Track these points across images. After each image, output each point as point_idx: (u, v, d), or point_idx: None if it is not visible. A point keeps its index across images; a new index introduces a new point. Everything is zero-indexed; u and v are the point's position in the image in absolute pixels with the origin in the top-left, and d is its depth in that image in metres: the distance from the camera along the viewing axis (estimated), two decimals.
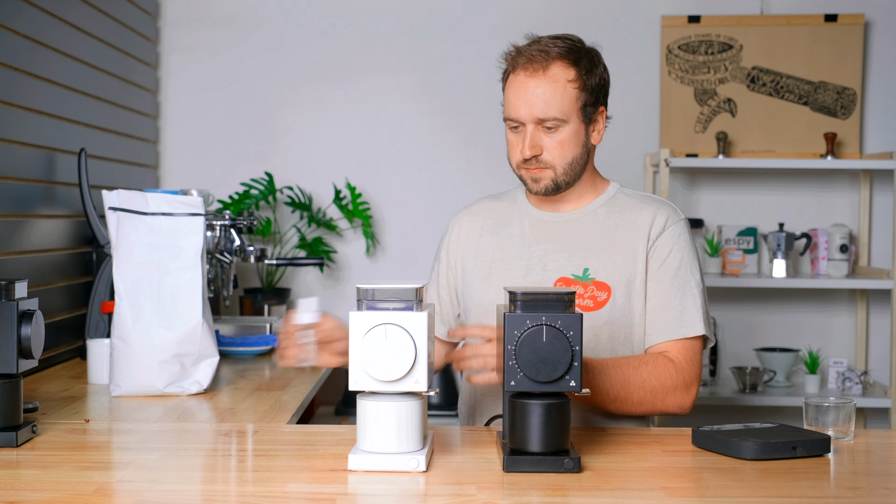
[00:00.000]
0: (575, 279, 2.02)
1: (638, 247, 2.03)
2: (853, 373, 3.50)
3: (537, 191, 2.04)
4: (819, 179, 3.72)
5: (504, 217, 2.15)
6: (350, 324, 1.56)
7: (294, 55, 3.66)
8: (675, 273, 2.02)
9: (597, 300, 2.01)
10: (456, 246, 2.17)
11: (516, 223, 2.12)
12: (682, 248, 2.05)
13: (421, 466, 1.54)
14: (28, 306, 1.74)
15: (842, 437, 1.78)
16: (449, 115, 3.69)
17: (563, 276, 2.03)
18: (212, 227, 2.92)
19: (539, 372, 1.54)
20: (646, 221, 2.05)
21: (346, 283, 3.69)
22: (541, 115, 1.97)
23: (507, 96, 2.03)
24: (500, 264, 2.08)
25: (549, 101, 1.97)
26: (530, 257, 2.07)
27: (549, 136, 1.99)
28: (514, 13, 3.66)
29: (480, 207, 2.20)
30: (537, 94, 1.97)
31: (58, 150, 2.70)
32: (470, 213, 2.20)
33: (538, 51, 1.98)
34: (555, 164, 2.01)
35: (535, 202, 2.13)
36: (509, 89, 2.02)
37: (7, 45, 2.42)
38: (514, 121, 2.00)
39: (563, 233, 2.07)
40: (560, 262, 2.04)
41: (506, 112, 2.03)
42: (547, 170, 2.01)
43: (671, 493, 1.47)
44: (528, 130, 1.99)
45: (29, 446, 1.71)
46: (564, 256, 2.04)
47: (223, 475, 1.59)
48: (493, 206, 2.19)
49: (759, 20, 3.63)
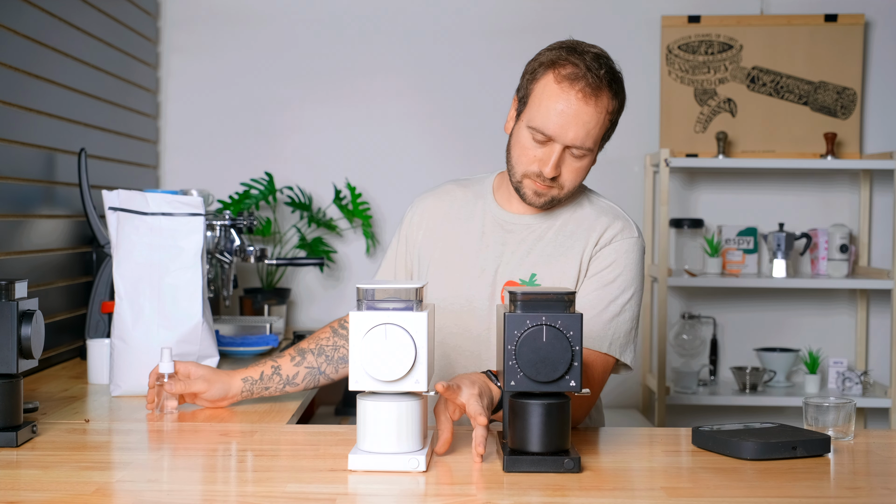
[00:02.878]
0: (522, 284, 1.98)
1: (583, 256, 1.98)
2: (853, 373, 3.50)
3: (534, 203, 1.97)
4: (819, 179, 3.72)
5: (467, 208, 2.09)
6: (350, 324, 1.56)
7: (294, 55, 3.67)
8: (605, 286, 1.94)
9: None
10: (417, 229, 2.11)
11: (479, 218, 2.06)
12: (624, 265, 1.96)
13: (421, 466, 1.54)
14: (28, 306, 1.74)
15: (842, 437, 1.78)
16: (449, 115, 3.69)
17: (511, 280, 1.99)
18: (212, 227, 2.92)
19: (539, 372, 1.54)
20: (596, 231, 1.99)
21: (346, 283, 3.69)
22: (579, 143, 1.88)
23: (543, 103, 1.89)
24: (454, 263, 2.04)
25: (591, 131, 1.88)
26: (486, 257, 2.02)
27: (572, 160, 1.91)
28: (514, 13, 3.66)
29: (445, 192, 2.13)
30: (583, 121, 1.87)
31: (58, 150, 2.70)
32: (433, 196, 2.13)
33: (594, 73, 1.87)
34: (565, 187, 1.94)
35: (502, 200, 2.07)
36: (549, 98, 1.88)
37: (7, 45, 2.42)
38: (544, 134, 1.89)
39: (518, 236, 2.03)
40: (511, 266, 2.00)
41: (536, 120, 1.89)
42: (555, 189, 1.94)
43: (671, 493, 1.47)
44: (557, 150, 1.89)
45: (29, 446, 1.71)
46: (515, 260, 2.00)
47: (223, 475, 1.59)
48: (458, 193, 2.12)
49: (759, 20, 3.63)
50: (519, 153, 1.94)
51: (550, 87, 1.88)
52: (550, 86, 1.88)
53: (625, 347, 1.93)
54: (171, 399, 1.99)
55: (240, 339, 2.86)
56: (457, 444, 1.73)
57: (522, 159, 1.94)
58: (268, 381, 2.06)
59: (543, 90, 1.89)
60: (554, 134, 1.88)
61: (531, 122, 1.90)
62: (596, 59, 1.88)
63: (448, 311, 2.01)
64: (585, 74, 1.86)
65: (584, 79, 1.86)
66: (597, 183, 3.04)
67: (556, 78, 1.88)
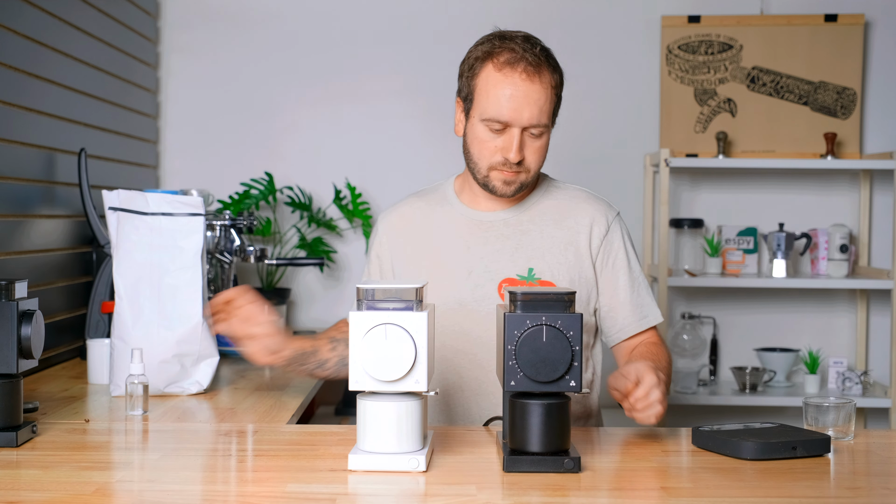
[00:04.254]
0: (521, 279, 2.00)
1: (580, 246, 2.03)
2: (853, 373, 3.50)
3: (505, 193, 1.99)
4: (819, 179, 3.72)
5: (434, 218, 2.09)
6: (350, 324, 1.56)
7: (294, 55, 3.67)
8: (627, 270, 2.05)
9: None
10: (386, 249, 2.12)
11: (451, 223, 2.07)
12: (626, 243, 2.08)
13: (421, 466, 1.54)
14: (28, 306, 1.74)
15: (842, 437, 1.78)
16: (449, 115, 3.67)
17: (508, 277, 2.00)
18: (212, 227, 2.92)
19: (539, 372, 1.54)
20: (586, 221, 2.05)
21: (346, 283, 3.69)
22: (535, 122, 1.92)
23: (491, 93, 1.93)
24: (439, 269, 2.03)
25: (543, 107, 1.93)
26: (471, 259, 2.03)
27: (532, 141, 1.95)
28: (514, 13, 3.66)
29: (407, 208, 2.14)
30: (534, 99, 1.91)
31: (58, 150, 2.70)
32: (397, 214, 2.14)
33: (531, 53, 1.92)
34: (531, 168, 1.98)
35: (469, 200, 2.08)
36: (496, 87, 1.92)
37: (7, 45, 2.42)
38: (500, 122, 1.93)
39: (500, 233, 2.04)
40: (503, 263, 2.01)
41: (489, 111, 1.93)
42: (522, 174, 1.97)
43: (671, 493, 1.47)
44: (516, 134, 1.93)
45: (29, 446, 1.71)
46: (506, 257, 2.01)
47: (223, 475, 1.59)
48: (420, 206, 2.13)
49: (759, 20, 3.63)
50: (479, 148, 1.98)
51: (493, 76, 1.93)
52: (493, 75, 1.93)
53: (656, 304, 2.10)
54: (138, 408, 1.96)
55: None
56: (457, 444, 1.73)
57: (484, 153, 1.97)
58: (306, 358, 2.04)
59: (487, 81, 1.94)
60: (509, 119, 1.92)
61: (484, 115, 1.94)
62: (527, 40, 1.95)
63: (439, 316, 2.00)
64: (523, 55, 1.92)
65: (524, 59, 1.92)
66: (597, 183, 3.04)
67: (495, 66, 1.93)
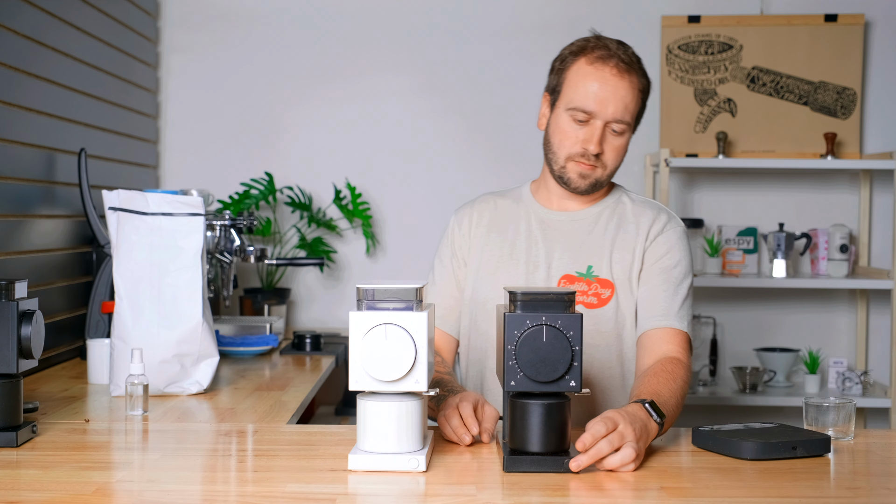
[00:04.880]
0: (579, 276, 2.04)
1: (637, 245, 2.05)
2: (853, 373, 3.50)
3: (578, 186, 2.04)
4: (819, 179, 3.72)
5: (510, 214, 2.15)
6: (350, 324, 1.56)
7: (294, 55, 3.66)
8: (670, 270, 2.03)
9: (601, 297, 2.02)
10: (466, 240, 2.16)
11: (523, 220, 2.13)
12: (680, 251, 2.06)
13: (421, 466, 1.54)
14: (28, 306, 1.74)
15: (842, 437, 1.78)
16: (449, 114, 3.69)
17: (567, 274, 2.04)
18: (212, 227, 2.92)
19: (539, 372, 1.54)
20: (646, 222, 2.07)
21: (346, 283, 3.69)
22: (619, 116, 1.98)
23: (581, 85, 1.99)
24: (506, 261, 2.09)
25: (628, 105, 1.98)
26: (537, 254, 2.07)
27: (613, 138, 2.00)
28: (514, 13, 3.66)
29: (484, 203, 2.19)
30: (620, 95, 1.97)
31: (58, 150, 2.70)
32: (475, 208, 2.19)
33: (624, 53, 1.99)
34: (608, 166, 2.02)
35: (543, 200, 2.14)
36: (586, 79, 1.98)
37: (7, 45, 2.42)
38: (586, 112, 1.98)
39: (567, 232, 2.09)
40: (565, 260, 2.05)
41: (576, 101, 1.99)
42: (598, 169, 2.02)
43: (671, 493, 1.47)
44: (599, 126, 1.98)
45: (29, 446, 1.71)
46: (569, 254, 2.06)
47: (223, 475, 1.59)
48: (498, 202, 2.18)
49: (759, 20, 3.63)
50: (560, 138, 2.03)
51: (584, 69, 1.99)
52: (584, 68, 1.99)
53: (692, 328, 2.04)
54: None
55: (240, 339, 2.86)
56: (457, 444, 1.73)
57: (565, 143, 2.02)
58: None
59: (577, 73, 2.00)
60: (595, 110, 1.97)
61: (570, 105, 1.99)
62: (621, 44, 2.02)
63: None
64: (615, 53, 1.99)
65: (616, 56, 1.98)
66: None
67: (587, 60, 1.99)
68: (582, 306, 2.02)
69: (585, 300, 2.02)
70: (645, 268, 2.04)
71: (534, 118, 3.68)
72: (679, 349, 1.96)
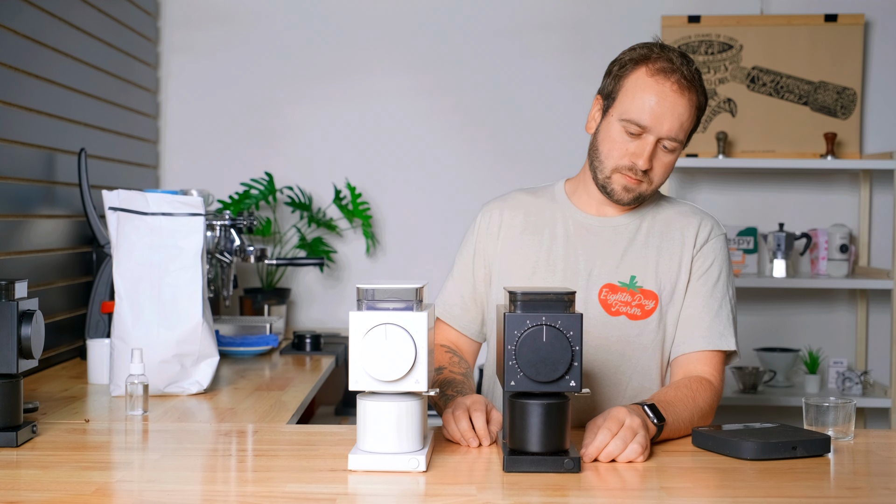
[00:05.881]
0: (622, 286, 1.97)
1: (683, 256, 1.99)
2: (853, 373, 3.50)
3: (621, 199, 1.96)
4: (819, 179, 3.72)
5: (544, 214, 2.06)
6: (350, 324, 1.56)
7: (294, 55, 3.67)
8: (714, 285, 1.98)
9: (644, 308, 1.96)
10: (493, 241, 2.06)
11: (559, 223, 2.04)
12: (723, 262, 2.01)
13: (421, 466, 1.54)
14: (28, 306, 1.74)
15: (842, 437, 1.78)
16: (449, 115, 3.69)
17: (610, 283, 1.98)
18: (212, 227, 2.92)
19: (539, 372, 1.54)
20: (691, 231, 2.01)
21: (346, 283, 3.69)
22: (672, 134, 1.90)
23: (637, 96, 1.90)
24: (543, 265, 2.01)
25: (684, 124, 1.91)
26: (576, 261, 2.00)
27: (663, 154, 1.93)
28: (514, 13, 3.66)
29: (517, 201, 2.09)
30: (678, 113, 1.89)
31: (58, 150, 2.70)
32: (507, 205, 2.08)
33: (687, 69, 1.90)
34: (654, 182, 1.96)
35: (580, 203, 2.05)
36: (644, 91, 1.90)
37: (7, 45, 2.42)
38: (640, 126, 1.90)
39: (607, 238, 2.01)
40: (606, 269, 1.98)
41: (631, 112, 1.90)
42: (644, 184, 1.95)
43: (671, 493, 1.47)
44: (651, 142, 1.90)
45: (29, 446, 1.71)
46: (611, 263, 1.99)
47: (223, 475, 1.59)
48: (531, 201, 2.08)
49: (759, 20, 3.63)
50: (609, 147, 1.94)
51: (644, 80, 1.90)
52: (644, 79, 1.91)
53: (737, 337, 1.99)
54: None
55: (240, 339, 2.86)
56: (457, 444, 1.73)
57: (614, 153, 1.94)
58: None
59: (636, 83, 1.91)
60: (649, 125, 1.89)
61: (624, 115, 1.91)
62: (684, 57, 1.93)
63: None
64: (679, 68, 1.90)
65: (679, 72, 1.89)
66: None
67: (648, 71, 1.90)
68: (626, 318, 1.96)
69: (629, 311, 1.96)
70: (690, 283, 1.99)
71: (534, 118, 3.69)
72: (712, 370, 1.94)
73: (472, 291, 2.08)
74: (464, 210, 3.53)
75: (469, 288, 2.08)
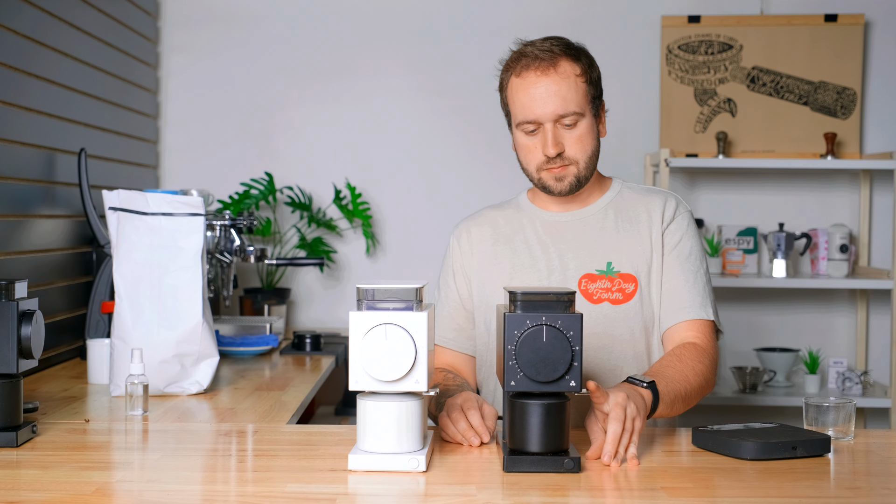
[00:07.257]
0: (600, 274, 2.02)
1: (653, 233, 2.04)
2: (853, 373, 3.50)
3: (560, 190, 2.01)
4: (819, 179, 3.72)
5: (513, 224, 2.12)
6: (350, 324, 1.56)
7: (294, 55, 3.67)
8: (686, 258, 2.03)
9: (625, 292, 2.00)
10: (468, 257, 2.12)
11: (528, 228, 2.10)
12: (692, 236, 2.06)
13: (421, 466, 1.54)
14: (28, 306, 1.74)
15: (842, 437, 1.78)
16: (449, 115, 3.69)
17: (587, 273, 2.02)
18: (212, 227, 2.92)
19: (539, 372, 1.54)
20: (657, 209, 2.06)
21: (346, 283, 3.69)
22: (560, 112, 1.96)
23: (517, 100, 1.99)
24: (520, 269, 2.06)
25: (566, 96, 1.96)
26: (551, 258, 2.04)
27: (568, 132, 1.98)
28: (514, 13, 3.66)
29: (484, 217, 2.16)
30: (552, 91, 1.95)
31: (58, 150, 2.70)
32: (474, 223, 2.16)
33: (541, 50, 1.98)
34: (578, 159, 1.99)
35: (543, 205, 2.11)
36: (518, 93, 1.99)
37: (7, 45, 2.42)
38: (531, 123, 1.98)
39: (577, 231, 2.06)
40: (581, 260, 2.03)
41: (519, 116, 1.99)
42: (570, 166, 1.99)
43: (671, 493, 1.47)
44: (548, 129, 1.97)
45: (29, 446, 1.71)
46: (584, 254, 2.03)
47: (223, 475, 1.59)
48: (499, 214, 2.15)
49: (759, 20, 3.63)
50: (524, 154, 2.03)
51: (515, 84, 2.01)
52: (514, 83, 2.01)
53: (717, 313, 2.03)
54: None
55: (240, 339, 2.86)
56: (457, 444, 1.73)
57: (529, 156, 2.02)
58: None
59: (512, 91, 2.02)
60: (537, 116, 1.97)
61: (517, 120, 2.01)
62: (544, 41, 2.01)
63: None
64: (535, 55, 1.98)
65: (536, 58, 1.98)
66: None
67: (515, 74, 2.01)
68: (608, 304, 2.00)
69: (611, 297, 2.00)
70: (664, 259, 2.03)
71: None
72: (698, 334, 1.98)
73: (462, 310, 2.12)
74: (464, 210, 3.50)
75: (458, 308, 2.12)
